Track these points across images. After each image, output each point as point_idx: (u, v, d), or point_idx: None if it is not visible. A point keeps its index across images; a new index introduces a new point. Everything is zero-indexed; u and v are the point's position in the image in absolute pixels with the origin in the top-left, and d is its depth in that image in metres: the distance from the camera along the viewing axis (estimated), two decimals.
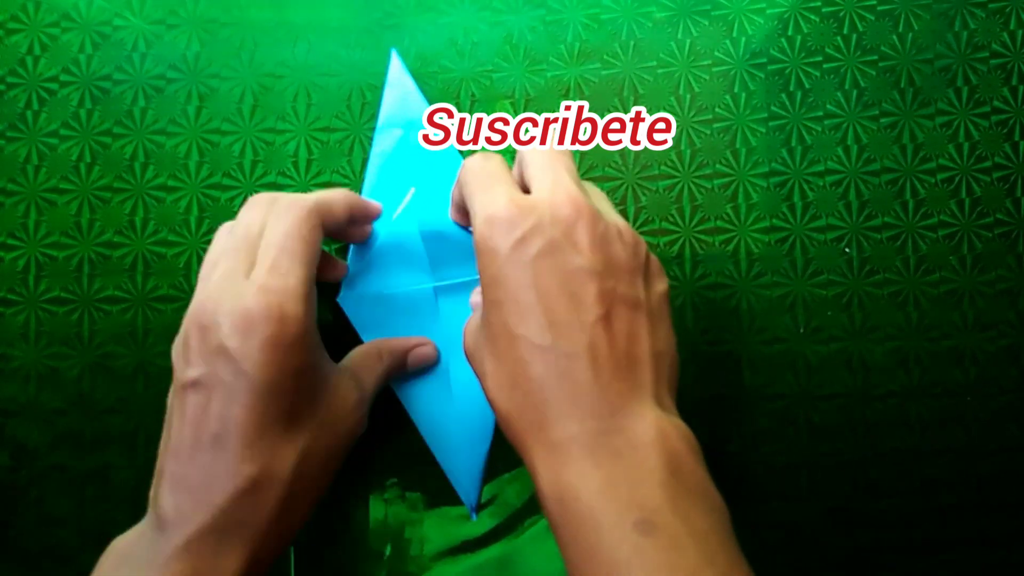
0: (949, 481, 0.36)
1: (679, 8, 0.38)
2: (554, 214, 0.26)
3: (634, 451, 0.24)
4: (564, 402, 0.25)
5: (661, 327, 0.27)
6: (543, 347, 0.25)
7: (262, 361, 0.26)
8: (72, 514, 0.35)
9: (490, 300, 0.26)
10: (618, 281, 0.26)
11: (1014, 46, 0.38)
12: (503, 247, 0.26)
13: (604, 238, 0.27)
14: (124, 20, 0.38)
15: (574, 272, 0.26)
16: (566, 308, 0.25)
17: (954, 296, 0.36)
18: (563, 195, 0.27)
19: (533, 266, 0.26)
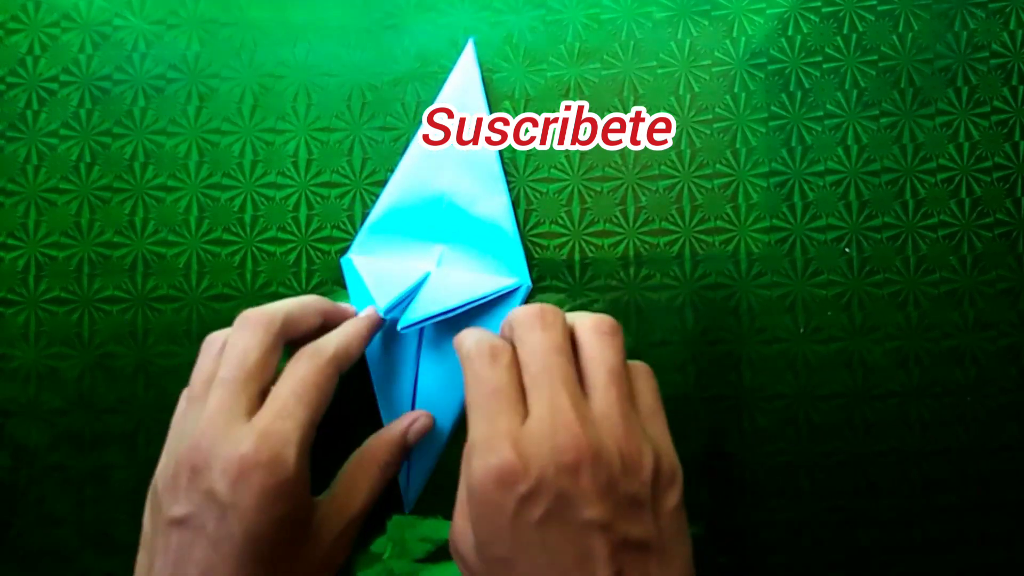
0: (949, 481, 0.36)
1: (679, 8, 0.38)
2: (557, 462, 0.25)
3: None
4: None
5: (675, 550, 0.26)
6: None
7: (247, 508, 0.25)
8: (72, 514, 0.35)
9: (495, 557, 0.25)
10: (629, 524, 0.25)
11: (1014, 46, 0.38)
12: (506, 505, 0.25)
13: (610, 480, 0.25)
14: (124, 20, 0.38)
15: (583, 528, 0.24)
16: (582, 568, 0.24)
17: (954, 296, 0.36)
18: (564, 433, 0.25)
19: (540, 529, 0.24)
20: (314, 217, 0.37)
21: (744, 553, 0.36)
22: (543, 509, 0.24)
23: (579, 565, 0.24)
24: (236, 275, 0.36)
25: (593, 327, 0.28)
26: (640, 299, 0.36)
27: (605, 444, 0.26)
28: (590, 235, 0.37)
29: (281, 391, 0.28)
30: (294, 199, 0.37)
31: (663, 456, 0.27)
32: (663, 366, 0.36)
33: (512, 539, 0.24)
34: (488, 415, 0.26)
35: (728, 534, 0.36)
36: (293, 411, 0.27)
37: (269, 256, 0.36)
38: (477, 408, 0.27)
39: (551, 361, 0.27)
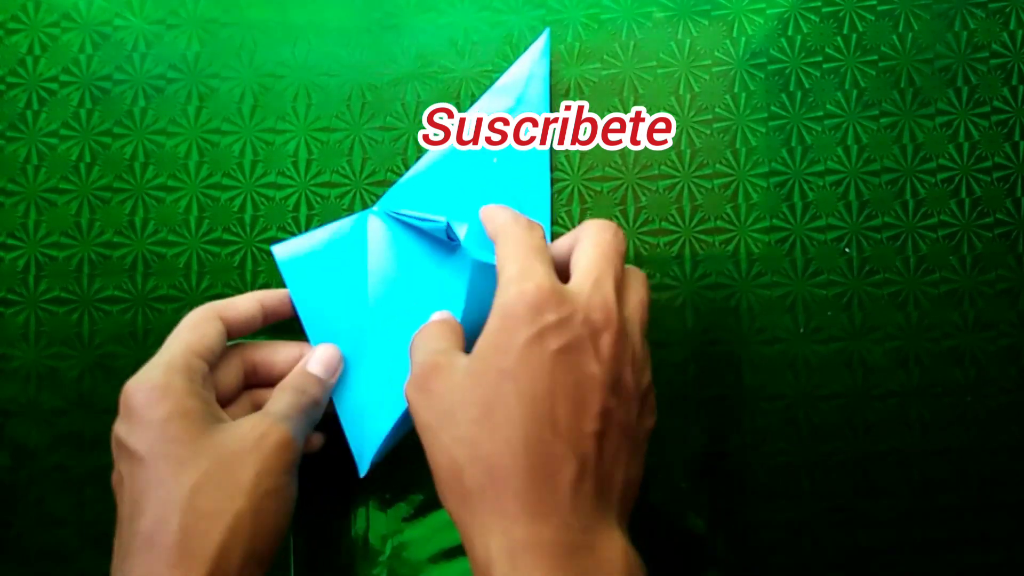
0: (949, 481, 0.36)
1: (679, 8, 0.38)
2: (586, 314, 0.26)
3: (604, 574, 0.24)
4: (542, 501, 0.24)
5: (638, 457, 0.27)
6: (543, 439, 0.25)
7: (132, 430, 0.28)
8: (72, 514, 0.35)
9: (498, 368, 0.26)
10: (620, 402, 0.26)
11: (1014, 46, 0.38)
12: (531, 327, 0.26)
13: (622, 356, 0.27)
14: (124, 20, 0.38)
15: (588, 378, 0.26)
16: (570, 411, 0.25)
17: (954, 296, 0.36)
18: (599, 299, 0.27)
19: (553, 358, 0.25)
20: (314, 217, 0.37)
21: (744, 553, 0.36)
22: (562, 342, 0.26)
23: (574, 409, 0.25)
24: (236, 275, 0.36)
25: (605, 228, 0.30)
26: None
27: (631, 333, 0.28)
28: None
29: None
30: (294, 199, 0.37)
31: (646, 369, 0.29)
32: (663, 366, 0.36)
33: (522, 356, 0.25)
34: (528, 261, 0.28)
35: (728, 534, 0.36)
36: (165, 347, 0.30)
37: (269, 256, 0.36)
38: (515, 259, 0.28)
39: (611, 250, 0.28)
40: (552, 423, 0.25)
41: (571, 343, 0.26)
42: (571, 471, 0.25)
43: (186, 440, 0.28)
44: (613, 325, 0.27)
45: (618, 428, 0.26)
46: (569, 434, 0.25)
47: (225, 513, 0.27)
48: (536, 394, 0.25)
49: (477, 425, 0.25)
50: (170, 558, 0.26)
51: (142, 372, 0.29)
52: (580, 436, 0.25)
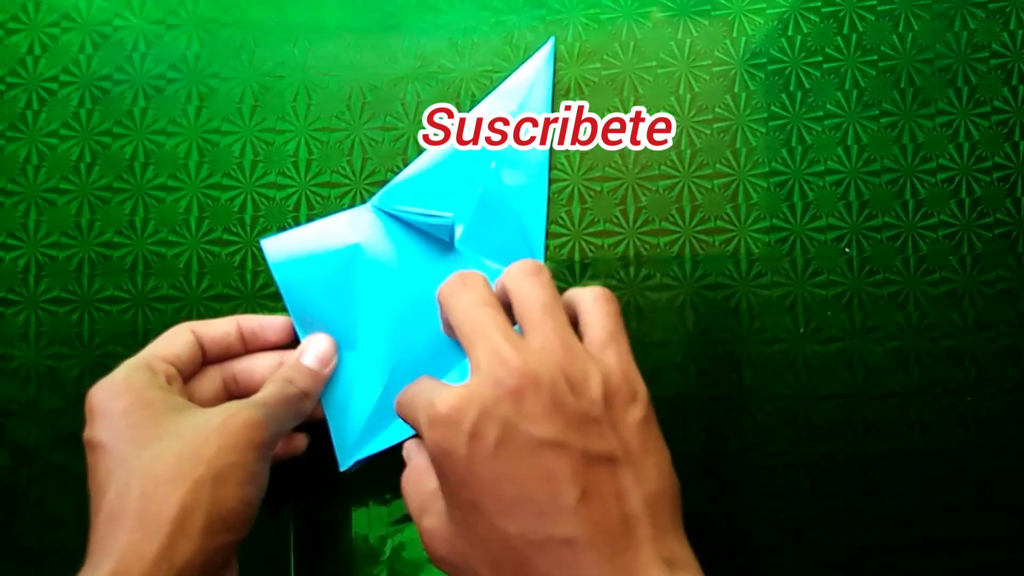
0: (949, 481, 0.36)
1: (679, 8, 0.38)
2: (496, 392, 0.25)
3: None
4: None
5: (647, 463, 0.26)
6: (541, 541, 0.24)
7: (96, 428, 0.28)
8: (72, 514, 0.35)
9: (466, 503, 0.25)
10: (588, 438, 0.25)
11: (1014, 46, 0.38)
12: (459, 448, 0.25)
13: (555, 400, 0.25)
14: (124, 20, 0.38)
15: (538, 449, 0.24)
16: (548, 491, 0.24)
17: (954, 296, 0.36)
18: (499, 367, 0.25)
19: (498, 457, 0.24)
20: (314, 217, 0.37)
21: (744, 553, 0.36)
22: (493, 438, 0.24)
23: (544, 489, 0.24)
24: (236, 275, 0.36)
25: (517, 272, 0.28)
26: (640, 299, 0.36)
27: (545, 369, 0.25)
28: (590, 235, 0.37)
29: None
30: (294, 199, 0.37)
31: (614, 375, 0.27)
32: (663, 366, 0.36)
33: (473, 479, 0.24)
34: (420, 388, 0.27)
35: (728, 534, 0.36)
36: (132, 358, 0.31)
37: None
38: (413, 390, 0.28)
39: (477, 314, 0.27)
40: (541, 514, 0.24)
41: (503, 430, 0.25)
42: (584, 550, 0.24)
43: (148, 424, 0.28)
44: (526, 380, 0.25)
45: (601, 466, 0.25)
46: (562, 514, 0.24)
47: (184, 479, 0.27)
48: (506, 502, 0.24)
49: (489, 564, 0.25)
50: (131, 523, 0.26)
51: (103, 379, 0.29)
52: (572, 509, 0.24)
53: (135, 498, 0.26)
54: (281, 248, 0.35)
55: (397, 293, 0.35)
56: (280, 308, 0.36)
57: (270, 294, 0.36)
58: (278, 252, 0.35)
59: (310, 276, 0.34)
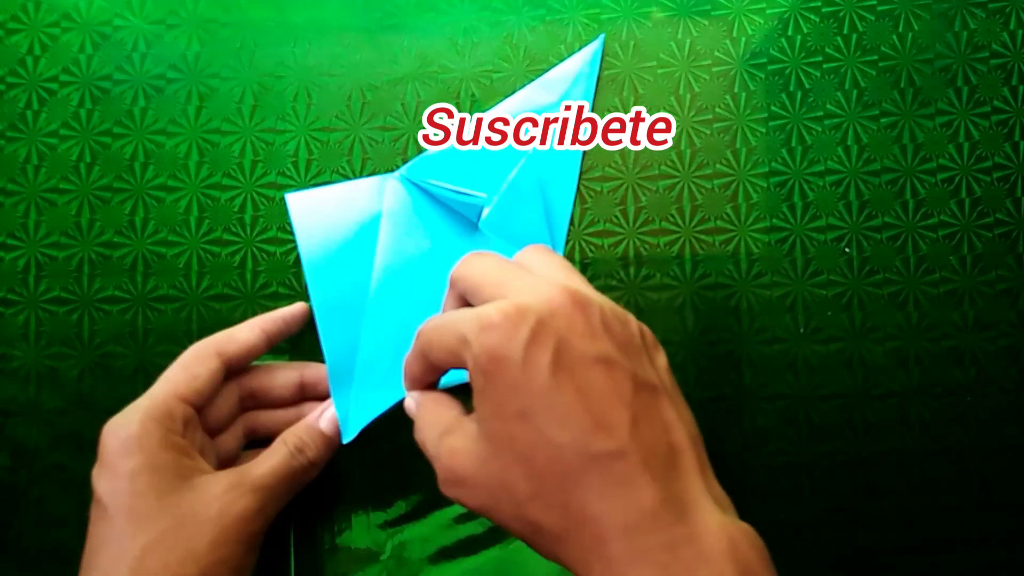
0: (949, 481, 0.36)
1: (679, 8, 0.38)
2: (550, 307, 0.25)
3: (707, 564, 0.22)
4: (626, 512, 0.23)
5: (682, 406, 0.26)
6: (595, 454, 0.23)
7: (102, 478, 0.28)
8: (72, 514, 0.35)
9: (513, 412, 0.24)
10: (636, 364, 0.25)
11: (1014, 46, 0.38)
12: (514, 353, 0.24)
13: (604, 321, 0.25)
14: (124, 20, 0.38)
15: (592, 365, 0.24)
16: (602, 406, 0.24)
17: (954, 296, 0.36)
18: (546, 287, 0.25)
19: (552, 373, 0.24)
20: None
21: None
22: (550, 351, 0.24)
23: (598, 403, 0.24)
24: (236, 275, 0.36)
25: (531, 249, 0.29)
26: (640, 299, 0.36)
27: (590, 295, 0.26)
28: (590, 235, 0.37)
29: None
30: None
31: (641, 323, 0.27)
32: None
33: (527, 388, 0.24)
34: (456, 313, 0.26)
35: None
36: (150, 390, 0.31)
37: (269, 256, 0.36)
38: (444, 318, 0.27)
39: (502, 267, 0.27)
40: (592, 432, 0.23)
41: (559, 342, 0.24)
42: (637, 469, 0.23)
43: (150, 497, 0.28)
44: (577, 299, 0.25)
45: (647, 392, 0.25)
46: (616, 430, 0.23)
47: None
48: (559, 416, 0.24)
49: (528, 480, 0.24)
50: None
51: (122, 415, 0.29)
52: (625, 425, 0.24)
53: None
54: (305, 205, 0.35)
55: (414, 268, 0.35)
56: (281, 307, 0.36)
57: (270, 294, 0.36)
58: (301, 209, 0.35)
59: (330, 238, 0.35)
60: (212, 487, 0.29)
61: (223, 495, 0.29)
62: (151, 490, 0.28)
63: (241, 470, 0.30)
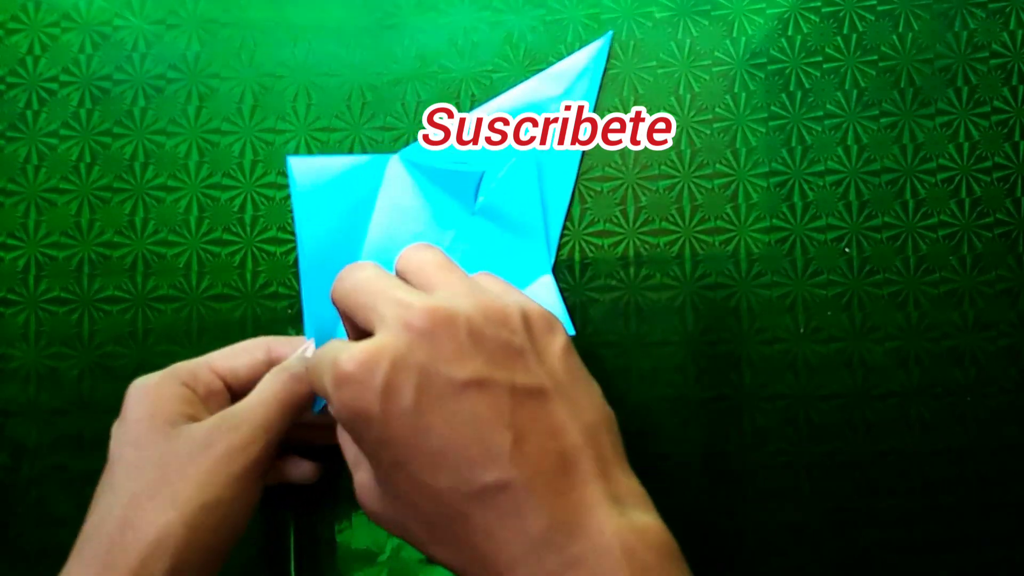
0: (949, 481, 0.36)
1: (679, 8, 0.38)
2: (407, 338, 0.23)
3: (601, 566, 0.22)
4: (515, 543, 0.22)
5: (578, 392, 0.24)
6: (476, 491, 0.22)
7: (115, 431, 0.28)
8: (72, 514, 0.35)
9: (388, 463, 0.23)
10: (514, 372, 0.23)
11: (1014, 46, 0.38)
12: (372, 407, 0.22)
13: (473, 335, 0.23)
14: (124, 20, 0.38)
15: (463, 390, 0.22)
16: (477, 437, 0.22)
17: (954, 296, 0.36)
18: (406, 311, 0.23)
19: (418, 409, 0.22)
20: None
21: (744, 553, 0.36)
22: (411, 394, 0.22)
23: (472, 435, 0.22)
24: (236, 275, 0.36)
25: (408, 249, 0.28)
26: (640, 299, 0.36)
27: (458, 306, 0.24)
28: (590, 235, 0.37)
29: None
30: None
31: (528, 305, 0.25)
32: (663, 366, 0.36)
33: (392, 438, 0.22)
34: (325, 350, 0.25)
35: (728, 534, 0.36)
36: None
37: (269, 256, 0.36)
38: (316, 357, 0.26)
39: (374, 281, 0.25)
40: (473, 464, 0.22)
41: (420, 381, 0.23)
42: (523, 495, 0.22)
43: (143, 444, 0.27)
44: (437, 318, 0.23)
45: (530, 401, 0.23)
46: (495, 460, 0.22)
47: (151, 525, 0.26)
48: (434, 458, 0.23)
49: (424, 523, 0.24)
50: (93, 566, 0.26)
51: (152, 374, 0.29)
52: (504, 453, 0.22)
53: (103, 539, 0.26)
54: (305, 169, 0.35)
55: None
56: (281, 308, 0.36)
57: (270, 294, 0.36)
58: (302, 172, 0.35)
59: (325, 207, 0.35)
60: (198, 428, 0.27)
61: (206, 434, 0.27)
62: (144, 438, 0.27)
63: (225, 410, 0.28)
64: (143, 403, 0.28)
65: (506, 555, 0.22)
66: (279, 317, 0.36)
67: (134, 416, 0.28)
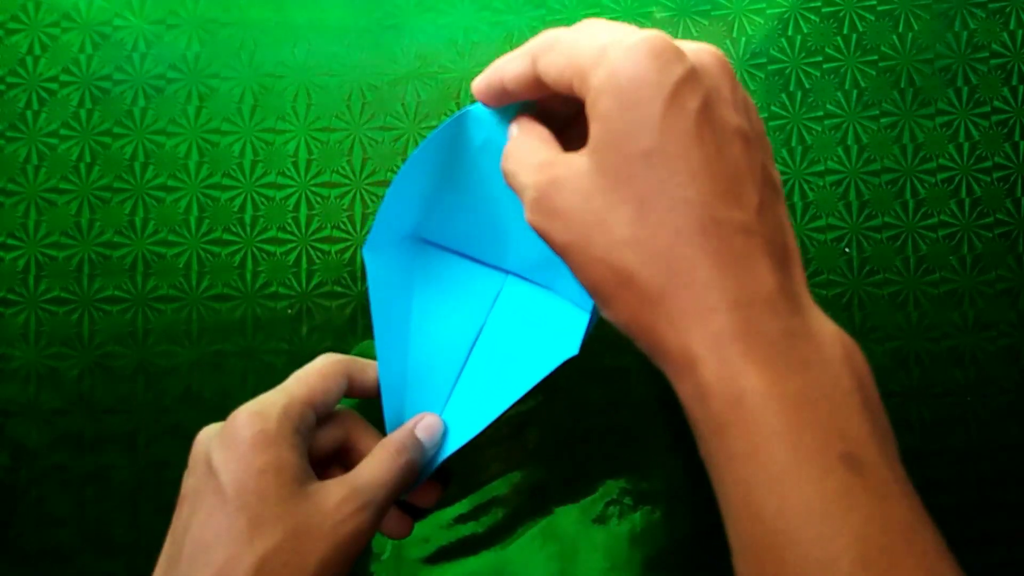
0: (949, 481, 0.36)
1: (679, 8, 0.38)
2: (703, 64, 0.22)
3: (826, 366, 0.21)
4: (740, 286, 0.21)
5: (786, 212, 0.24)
6: (720, 219, 0.21)
7: (233, 465, 0.26)
8: (72, 514, 0.35)
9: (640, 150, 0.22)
10: (765, 154, 0.23)
11: (1014, 46, 0.38)
12: (663, 86, 0.21)
13: (745, 99, 0.23)
14: (124, 20, 0.38)
15: (736, 134, 0.22)
16: (737, 177, 0.22)
17: (954, 296, 0.36)
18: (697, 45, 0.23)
19: (697, 119, 0.21)
20: (314, 217, 0.37)
21: None
22: (699, 99, 0.22)
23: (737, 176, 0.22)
24: (236, 275, 0.36)
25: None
26: None
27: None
28: None
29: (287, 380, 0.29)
30: (294, 199, 0.37)
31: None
32: None
33: (666, 129, 0.21)
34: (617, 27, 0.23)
35: None
36: (288, 387, 0.28)
37: (269, 256, 0.36)
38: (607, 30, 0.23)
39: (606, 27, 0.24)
40: (721, 197, 0.21)
41: (706, 99, 0.22)
42: (760, 249, 0.21)
43: (272, 500, 0.26)
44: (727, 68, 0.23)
45: (774, 188, 0.23)
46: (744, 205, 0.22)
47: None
48: (693, 169, 0.21)
49: (637, 223, 0.22)
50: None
51: (258, 405, 0.27)
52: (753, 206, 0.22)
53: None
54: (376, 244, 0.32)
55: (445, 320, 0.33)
56: (281, 307, 0.36)
57: (270, 294, 0.36)
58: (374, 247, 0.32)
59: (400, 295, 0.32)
60: (327, 498, 0.27)
61: (337, 509, 0.27)
62: (273, 493, 0.26)
63: (349, 480, 0.28)
64: (267, 450, 0.26)
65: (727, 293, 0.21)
66: (279, 317, 0.36)
67: (258, 463, 0.26)
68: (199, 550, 0.26)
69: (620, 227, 0.22)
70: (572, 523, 0.35)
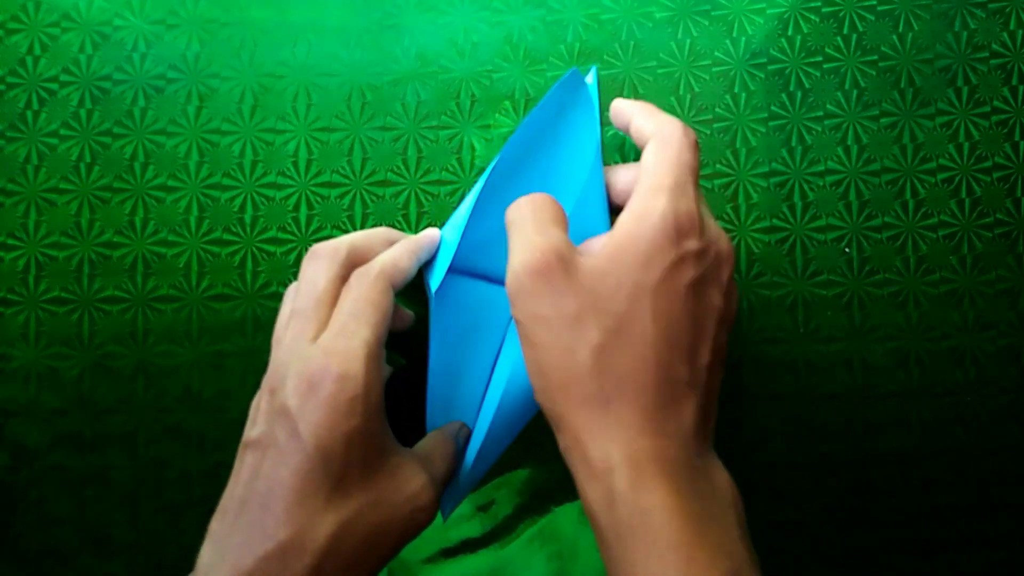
0: (949, 481, 0.36)
1: (679, 8, 0.38)
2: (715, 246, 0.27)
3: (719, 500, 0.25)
4: (667, 420, 0.25)
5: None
6: (668, 364, 0.25)
7: (316, 421, 0.25)
8: (72, 514, 0.35)
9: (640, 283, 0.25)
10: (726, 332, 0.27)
11: (1014, 46, 0.38)
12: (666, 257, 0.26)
13: (732, 287, 0.27)
14: (124, 20, 0.38)
15: (711, 310, 0.26)
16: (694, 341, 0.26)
17: (954, 296, 0.36)
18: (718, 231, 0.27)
19: (688, 286, 0.26)
20: (314, 217, 0.37)
21: None
22: (697, 273, 0.26)
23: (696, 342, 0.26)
24: (236, 275, 0.36)
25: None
26: None
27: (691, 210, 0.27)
28: None
29: (338, 313, 0.28)
30: (294, 199, 0.37)
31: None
32: None
33: (664, 278, 0.26)
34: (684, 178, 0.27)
35: None
36: (354, 329, 0.27)
37: (269, 256, 0.36)
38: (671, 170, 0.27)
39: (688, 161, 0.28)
40: (679, 350, 0.25)
41: (704, 275, 0.26)
42: (692, 398, 0.25)
43: (357, 470, 0.26)
44: (731, 258, 0.27)
45: (721, 355, 0.27)
46: (691, 363, 0.26)
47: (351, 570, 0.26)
48: (671, 319, 0.25)
49: (611, 335, 0.25)
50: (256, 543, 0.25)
51: (344, 349, 0.26)
52: (698, 367, 0.26)
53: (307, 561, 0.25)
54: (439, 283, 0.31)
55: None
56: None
57: (270, 294, 0.36)
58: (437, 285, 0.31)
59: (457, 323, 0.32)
60: (407, 482, 0.27)
61: (414, 497, 0.27)
62: (358, 460, 0.26)
63: (427, 466, 0.28)
64: (357, 414, 0.26)
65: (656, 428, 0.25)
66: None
67: (346, 428, 0.26)
68: (277, 501, 0.25)
69: (596, 330, 0.25)
70: (571, 523, 0.35)
